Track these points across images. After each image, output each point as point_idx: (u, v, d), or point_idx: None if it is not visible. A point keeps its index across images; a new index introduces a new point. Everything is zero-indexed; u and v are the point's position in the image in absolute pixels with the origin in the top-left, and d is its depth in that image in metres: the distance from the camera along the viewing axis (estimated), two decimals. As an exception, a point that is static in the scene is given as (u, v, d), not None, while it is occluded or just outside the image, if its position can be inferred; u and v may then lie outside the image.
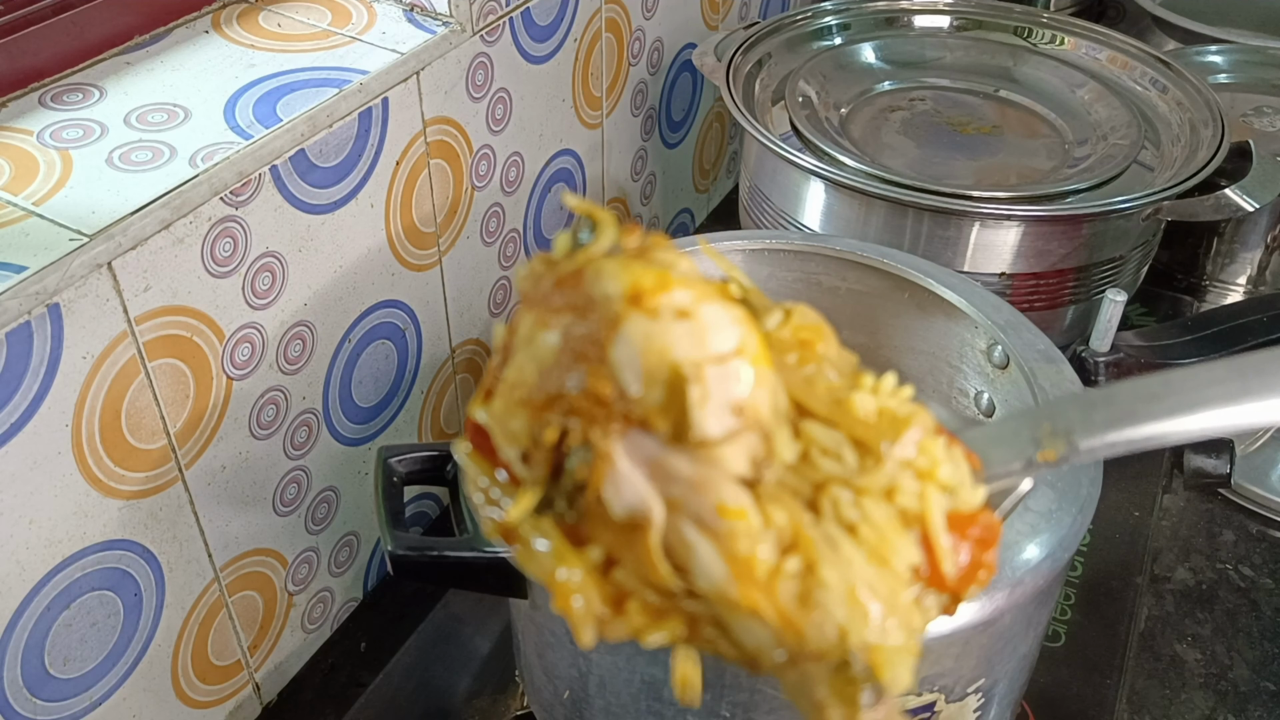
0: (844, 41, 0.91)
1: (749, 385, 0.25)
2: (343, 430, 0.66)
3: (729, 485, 0.25)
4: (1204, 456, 0.75)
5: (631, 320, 0.25)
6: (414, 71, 0.62)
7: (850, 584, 0.25)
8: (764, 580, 0.25)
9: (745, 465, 0.25)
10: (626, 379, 0.25)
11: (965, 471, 0.28)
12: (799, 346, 0.28)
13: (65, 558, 0.50)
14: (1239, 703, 0.68)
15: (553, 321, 0.26)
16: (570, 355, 0.26)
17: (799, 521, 0.26)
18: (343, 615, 0.72)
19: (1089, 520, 0.47)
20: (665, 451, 0.25)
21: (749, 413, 0.25)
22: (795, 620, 0.25)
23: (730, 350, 0.25)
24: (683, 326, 0.25)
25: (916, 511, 0.27)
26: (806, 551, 0.26)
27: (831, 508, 0.26)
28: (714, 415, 0.25)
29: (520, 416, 0.27)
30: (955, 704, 0.47)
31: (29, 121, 0.54)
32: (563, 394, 0.26)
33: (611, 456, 0.25)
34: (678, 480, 0.25)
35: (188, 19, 0.63)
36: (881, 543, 0.26)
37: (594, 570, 0.27)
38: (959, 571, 0.27)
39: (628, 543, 0.26)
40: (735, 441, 0.25)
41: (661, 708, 0.47)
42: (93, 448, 0.50)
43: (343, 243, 0.61)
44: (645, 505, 0.25)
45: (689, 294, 0.25)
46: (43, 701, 0.52)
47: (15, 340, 0.45)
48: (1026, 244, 0.71)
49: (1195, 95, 0.81)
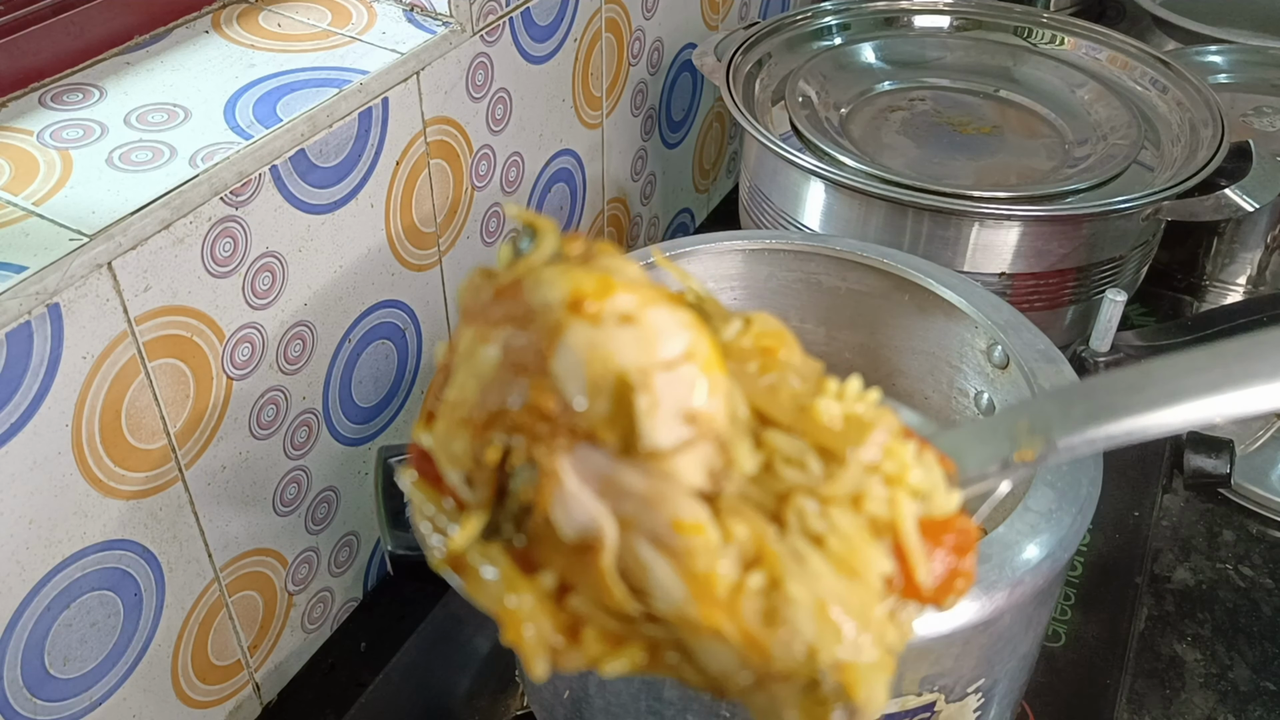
0: (844, 41, 0.91)
1: (701, 392, 0.24)
2: (343, 430, 0.66)
3: (684, 499, 0.24)
4: (1204, 456, 0.75)
5: (573, 328, 0.23)
6: (414, 71, 0.62)
7: (819, 599, 0.24)
8: (726, 599, 0.24)
9: (702, 477, 0.24)
10: (570, 391, 0.24)
11: (938, 476, 0.27)
12: (760, 354, 0.27)
13: (65, 558, 0.50)
14: (1239, 703, 0.68)
15: (492, 335, 0.25)
16: (511, 369, 0.24)
17: (762, 535, 0.24)
18: (343, 615, 0.72)
19: (1089, 520, 0.47)
20: (615, 466, 0.24)
21: (703, 421, 0.24)
22: (760, 640, 0.24)
23: (679, 355, 0.24)
24: (627, 333, 0.23)
25: (887, 519, 0.25)
26: (771, 566, 0.24)
27: (797, 519, 0.25)
28: (665, 425, 0.23)
29: (462, 437, 0.25)
30: (955, 704, 0.47)
31: (29, 121, 0.54)
32: (505, 411, 0.24)
33: (558, 474, 0.24)
34: (630, 496, 0.24)
35: (188, 19, 0.63)
36: (851, 554, 0.25)
37: (546, 597, 0.25)
38: (936, 581, 0.26)
39: (581, 566, 0.24)
40: (689, 452, 0.24)
41: (661, 707, 0.47)
42: (93, 448, 0.50)
43: (343, 243, 0.61)
44: (596, 524, 0.24)
45: (633, 298, 0.24)
46: (43, 701, 0.52)
47: (15, 340, 0.45)
48: (1026, 244, 0.71)
49: (1195, 95, 0.81)
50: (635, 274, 0.25)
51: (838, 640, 0.24)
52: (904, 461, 0.26)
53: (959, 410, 0.62)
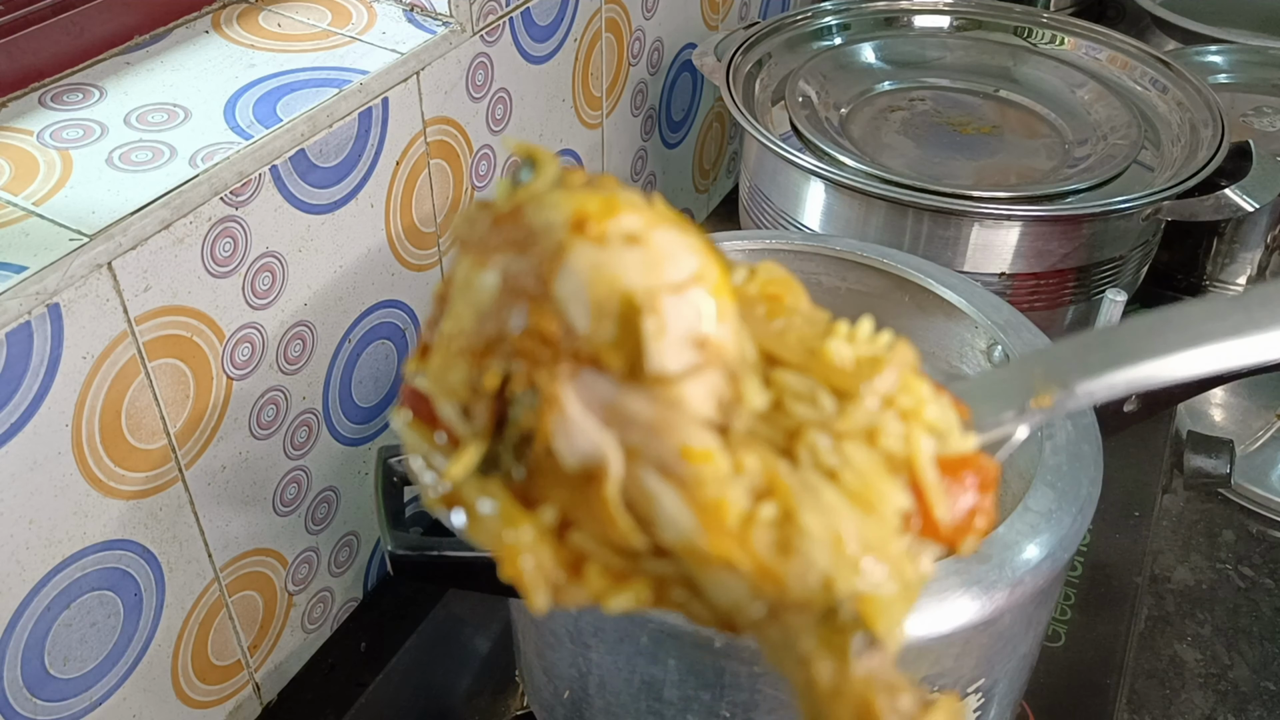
0: (844, 41, 0.91)
1: (710, 316, 0.23)
2: (343, 430, 0.66)
3: (693, 426, 0.23)
4: (1204, 456, 0.75)
5: (577, 249, 0.22)
6: (414, 71, 0.62)
7: (834, 531, 0.23)
8: (737, 529, 0.23)
9: (710, 407, 0.23)
10: (573, 313, 0.22)
11: (954, 417, 0.26)
12: (768, 300, 0.26)
13: (65, 558, 0.50)
14: (1239, 703, 0.68)
15: (491, 261, 0.23)
16: (511, 295, 0.23)
17: (774, 468, 0.23)
18: (343, 615, 0.71)
19: (1089, 520, 0.47)
20: (620, 392, 0.22)
21: (711, 347, 0.23)
22: (774, 570, 0.23)
23: (687, 278, 0.22)
24: (634, 253, 0.22)
25: (903, 455, 0.24)
26: (783, 498, 0.23)
27: (809, 454, 0.23)
28: (672, 349, 0.22)
29: (459, 368, 0.24)
30: (955, 704, 0.47)
31: (29, 121, 0.54)
32: (504, 336, 0.23)
33: (560, 400, 0.22)
34: (635, 424, 0.22)
35: (188, 19, 0.63)
36: (866, 488, 0.24)
37: (547, 532, 0.24)
38: (955, 518, 0.25)
39: (583, 499, 0.23)
40: (697, 379, 0.23)
41: (662, 708, 0.47)
42: (93, 448, 0.50)
43: (343, 243, 0.61)
44: (600, 453, 0.22)
45: (639, 219, 0.22)
46: (43, 701, 0.52)
47: (15, 340, 0.45)
48: (1026, 244, 0.71)
49: (1195, 95, 0.81)
50: (641, 200, 0.23)
51: (855, 572, 0.23)
52: (920, 396, 0.25)
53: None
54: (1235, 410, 0.87)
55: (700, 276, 0.23)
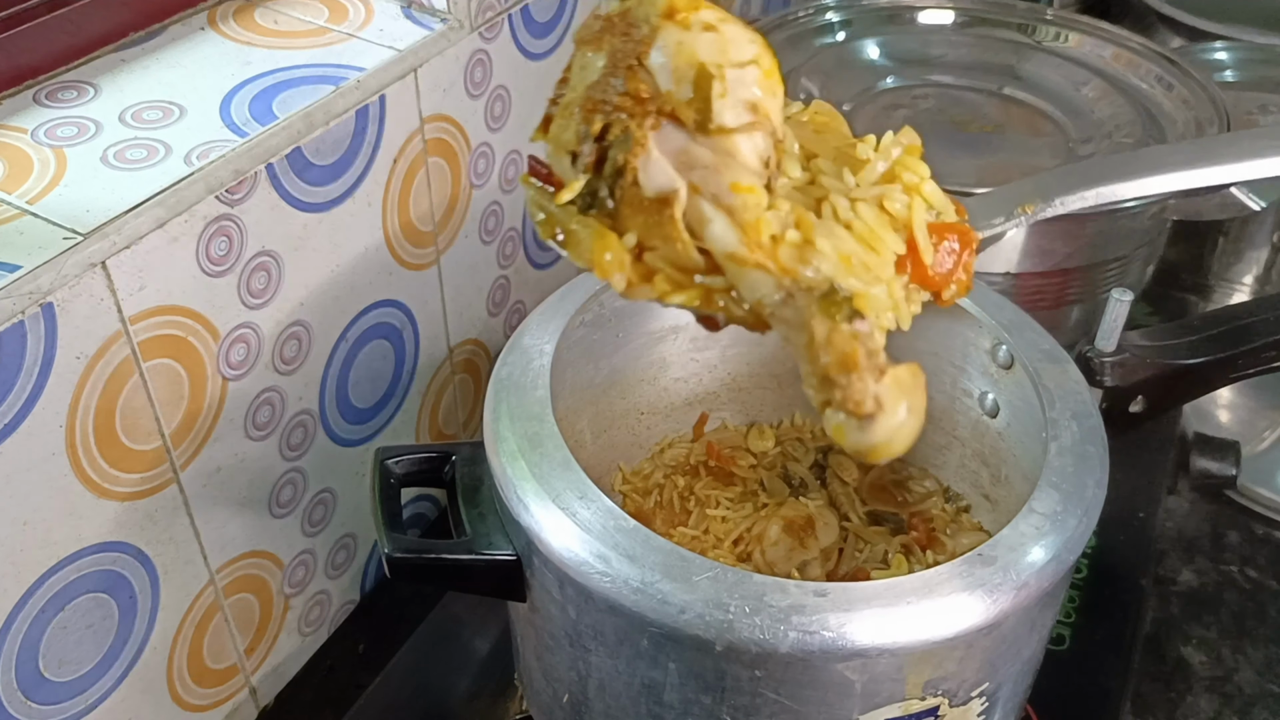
0: (846, 38, 0.90)
1: (761, 88, 0.31)
2: (339, 431, 0.66)
3: (742, 169, 0.31)
4: (1210, 458, 0.75)
5: (666, 30, 0.31)
6: (412, 69, 0.62)
7: (842, 251, 0.32)
8: (768, 244, 0.31)
9: (756, 161, 0.31)
10: (660, 78, 0.31)
11: (948, 200, 0.35)
12: (816, 124, 0.35)
13: (59, 560, 0.50)
14: (1244, 706, 0.68)
15: (602, 46, 0.32)
16: (614, 68, 0.31)
17: (801, 211, 0.32)
18: (340, 617, 0.71)
19: (1094, 523, 0.47)
20: (690, 141, 0.31)
21: (760, 111, 0.31)
22: (792, 269, 0.31)
23: (747, 59, 0.31)
24: (709, 36, 0.31)
25: (904, 218, 0.33)
26: (805, 229, 0.32)
27: (830, 210, 0.32)
28: (731, 109, 0.31)
29: (571, 126, 0.32)
30: (959, 708, 0.47)
31: (23, 119, 0.54)
32: (607, 99, 0.31)
33: (646, 143, 0.31)
34: (699, 165, 0.31)
35: (183, 16, 0.63)
36: (871, 235, 0.32)
37: (629, 250, 0.32)
38: (939, 270, 0.34)
39: (657, 223, 0.31)
40: (748, 135, 0.31)
41: (662, 711, 0.47)
42: (87, 449, 0.50)
43: (340, 241, 0.61)
44: (672, 185, 0.31)
45: (715, 14, 0.31)
46: (37, 705, 0.51)
47: (8, 340, 0.45)
48: (1031, 243, 0.71)
49: (1200, 93, 0.81)
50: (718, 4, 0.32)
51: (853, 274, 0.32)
52: (922, 174, 0.34)
53: (963, 411, 0.61)
54: (1241, 411, 0.86)
55: (756, 60, 0.31)
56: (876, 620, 0.42)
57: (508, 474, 0.47)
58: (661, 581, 0.42)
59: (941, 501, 0.64)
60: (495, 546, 0.48)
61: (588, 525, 0.44)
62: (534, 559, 0.47)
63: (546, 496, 0.46)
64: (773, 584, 0.42)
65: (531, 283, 0.81)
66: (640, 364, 0.64)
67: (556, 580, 0.46)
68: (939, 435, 0.64)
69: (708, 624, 0.42)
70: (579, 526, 0.44)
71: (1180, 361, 0.61)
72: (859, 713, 0.45)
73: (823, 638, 0.41)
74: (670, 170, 0.31)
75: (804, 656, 0.42)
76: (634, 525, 0.44)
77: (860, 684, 0.43)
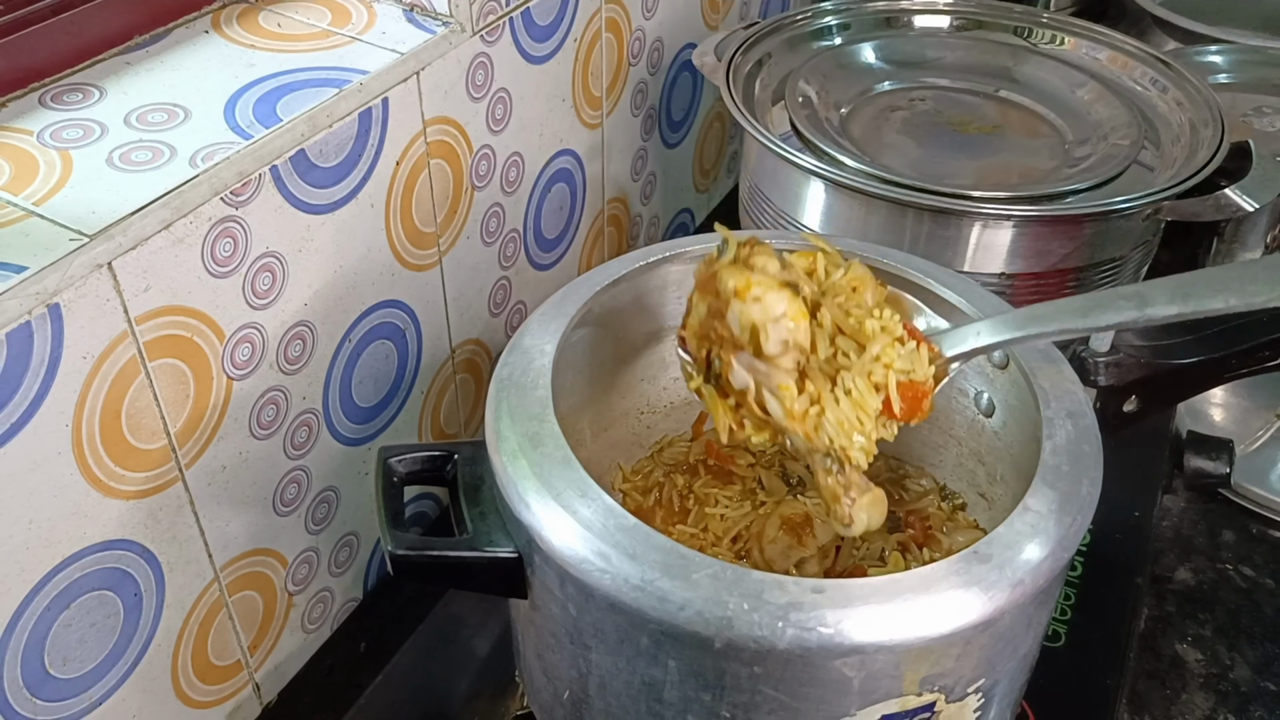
0: (844, 41, 0.90)
1: (791, 331, 0.49)
2: (343, 430, 0.66)
3: (783, 374, 0.49)
4: (1204, 457, 0.75)
5: (734, 303, 0.49)
6: (414, 71, 0.62)
7: (841, 421, 0.49)
8: (800, 416, 0.50)
9: (792, 365, 0.49)
10: (734, 329, 0.49)
11: (923, 358, 0.51)
12: (849, 289, 0.52)
13: (65, 558, 0.50)
14: (1240, 703, 0.68)
15: (704, 298, 0.51)
16: (710, 315, 0.51)
17: (820, 390, 0.50)
18: (342, 615, 0.72)
19: (1088, 521, 0.47)
20: (753, 361, 0.50)
21: (792, 342, 0.49)
22: (810, 435, 0.50)
23: (781, 315, 0.49)
24: (757, 305, 0.49)
25: (883, 382, 0.50)
26: (822, 405, 0.50)
27: (842, 383, 0.50)
28: (774, 344, 0.49)
29: (694, 341, 0.53)
30: (955, 704, 0.47)
31: (29, 121, 0.54)
32: (708, 331, 0.51)
33: (731, 361, 0.50)
34: (759, 372, 0.50)
35: (187, 19, 0.63)
36: (861, 399, 0.50)
37: (730, 408, 0.52)
38: (906, 412, 0.50)
39: (742, 398, 0.51)
40: (785, 355, 0.49)
41: (662, 709, 0.47)
42: (93, 448, 0.50)
43: (343, 243, 0.61)
44: (746, 383, 0.50)
45: (760, 289, 0.49)
46: (43, 702, 0.52)
47: (15, 340, 0.45)
48: (1027, 244, 0.71)
49: (1195, 95, 0.81)
50: (771, 268, 0.49)
51: (845, 435, 0.50)
52: (894, 356, 0.50)
53: (959, 411, 0.62)
54: (1235, 410, 0.87)
55: (787, 314, 0.49)
56: (873, 617, 0.42)
57: (509, 472, 0.47)
58: (661, 579, 0.43)
59: (938, 500, 0.64)
60: (497, 544, 0.49)
61: (588, 523, 0.45)
62: (535, 557, 0.47)
63: (547, 495, 0.46)
64: (771, 581, 0.43)
65: (532, 284, 0.82)
66: (640, 364, 0.65)
67: (557, 578, 0.46)
68: (935, 434, 0.64)
69: (707, 621, 0.42)
70: (579, 524, 0.45)
71: (1174, 362, 0.61)
72: (856, 708, 0.45)
73: (820, 634, 0.42)
74: (745, 375, 0.50)
75: (802, 653, 0.42)
76: (634, 523, 0.45)
77: (857, 680, 0.44)
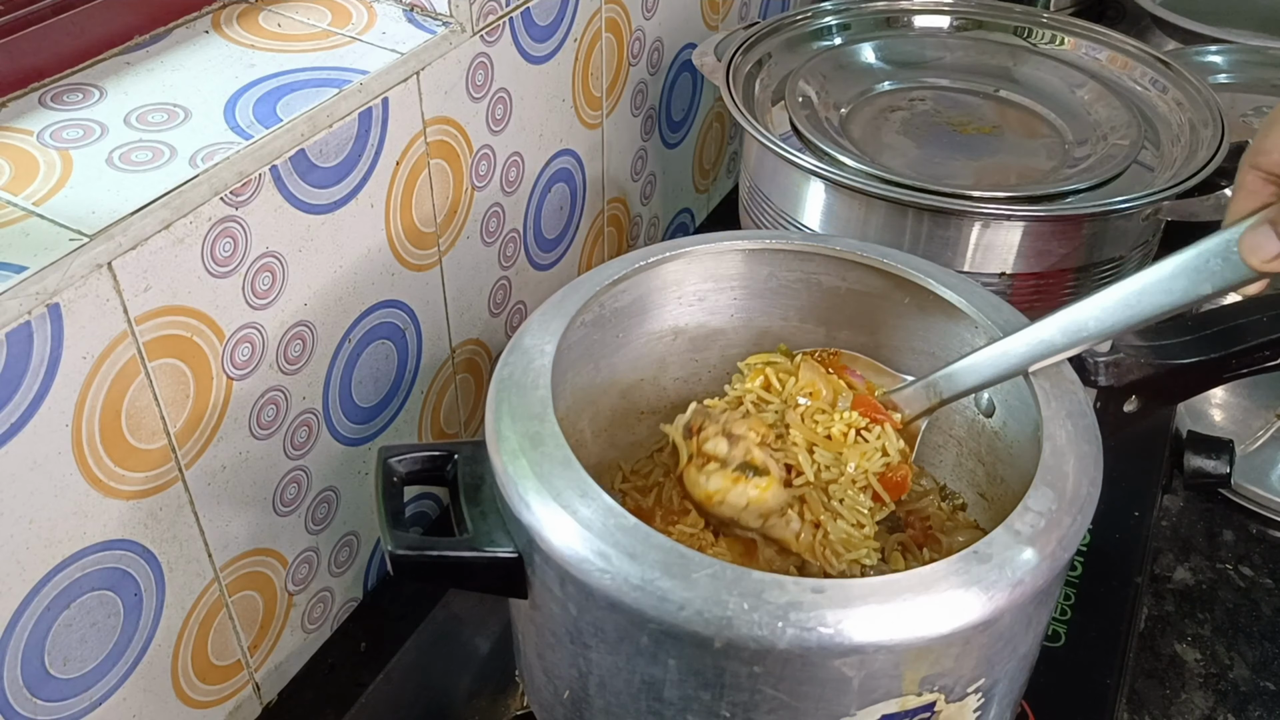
0: (844, 41, 0.91)
1: (758, 509, 0.54)
2: (343, 430, 0.66)
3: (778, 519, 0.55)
4: (1204, 457, 0.75)
5: (706, 507, 0.55)
6: (414, 71, 0.62)
7: (837, 538, 0.55)
8: (806, 542, 0.55)
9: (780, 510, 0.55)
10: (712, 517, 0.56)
11: (891, 437, 0.57)
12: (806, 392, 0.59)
13: (65, 558, 0.51)
14: (1239, 703, 0.68)
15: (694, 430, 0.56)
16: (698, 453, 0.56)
17: (818, 513, 0.55)
18: (343, 615, 0.72)
19: (1088, 521, 0.47)
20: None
21: (764, 511, 0.54)
22: (815, 552, 0.55)
23: (745, 505, 0.53)
24: (724, 505, 0.54)
25: (865, 484, 0.56)
26: (820, 526, 0.55)
27: (832, 498, 0.56)
28: (753, 521, 0.54)
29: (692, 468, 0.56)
30: (955, 704, 0.47)
31: (29, 121, 0.54)
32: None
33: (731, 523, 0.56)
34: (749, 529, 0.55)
35: (188, 19, 0.63)
36: (852, 506, 0.55)
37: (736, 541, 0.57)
38: (891, 496, 0.56)
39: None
40: (770, 516, 0.54)
41: (661, 708, 0.47)
42: (93, 448, 0.50)
43: (343, 243, 0.61)
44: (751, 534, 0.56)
45: (720, 493, 0.54)
46: (43, 701, 0.52)
47: (15, 340, 0.45)
48: (1027, 244, 0.71)
49: (1195, 95, 0.81)
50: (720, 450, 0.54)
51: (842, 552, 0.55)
52: (868, 462, 0.56)
53: (959, 411, 0.62)
54: (1235, 410, 0.87)
55: (752, 500, 0.53)
56: (873, 616, 0.42)
57: (509, 472, 0.48)
58: (661, 578, 0.43)
59: (938, 500, 0.64)
60: (497, 544, 0.49)
61: (588, 523, 0.45)
62: (535, 556, 0.47)
63: (547, 494, 0.46)
64: (771, 581, 0.43)
65: (532, 284, 0.82)
66: (640, 364, 0.65)
67: (557, 577, 0.46)
68: (936, 435, 0.64)
69: (707, 621, 0.42)
70: (580, 524, 0.45)
71: (1174, 362, 0.61)
72: (856, 708, 0.45)
73: (820, 634, 0.42)
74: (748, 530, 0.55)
75: (802, 652, 0.42)
76: (634, 523, 0.45)
77: (857, 680, 0.44)
